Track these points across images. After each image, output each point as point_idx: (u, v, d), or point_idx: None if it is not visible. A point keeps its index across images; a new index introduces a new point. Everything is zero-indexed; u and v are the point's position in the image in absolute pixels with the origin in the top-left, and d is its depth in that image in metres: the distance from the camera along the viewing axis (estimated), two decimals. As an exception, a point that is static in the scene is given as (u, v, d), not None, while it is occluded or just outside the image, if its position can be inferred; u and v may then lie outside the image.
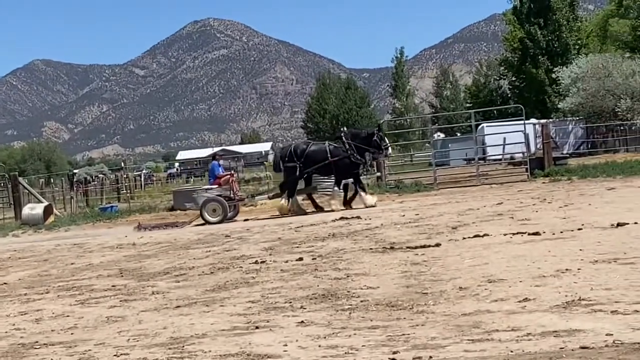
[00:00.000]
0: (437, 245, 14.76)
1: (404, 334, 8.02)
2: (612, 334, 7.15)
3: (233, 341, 8.36)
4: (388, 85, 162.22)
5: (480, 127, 52.70)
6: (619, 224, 14.95)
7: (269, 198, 30.66)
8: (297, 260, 14.57)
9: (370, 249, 15.40)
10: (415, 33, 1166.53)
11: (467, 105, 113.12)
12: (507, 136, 37.52)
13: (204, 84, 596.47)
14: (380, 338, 7.96)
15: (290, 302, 10.42)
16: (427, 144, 57.95)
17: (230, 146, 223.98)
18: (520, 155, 40.20)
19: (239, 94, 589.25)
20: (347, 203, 28.34)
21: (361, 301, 10.08)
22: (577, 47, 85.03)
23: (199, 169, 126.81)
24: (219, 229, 23.94)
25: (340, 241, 17.31)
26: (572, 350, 6.74)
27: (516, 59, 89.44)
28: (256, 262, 14.72)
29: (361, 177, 29.29)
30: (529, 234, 14.92)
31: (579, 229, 15.07)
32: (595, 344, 6.87)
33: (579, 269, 10.71)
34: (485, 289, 10.02)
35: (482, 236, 15.36)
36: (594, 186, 27.04)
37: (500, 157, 46.06)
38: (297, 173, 28.68)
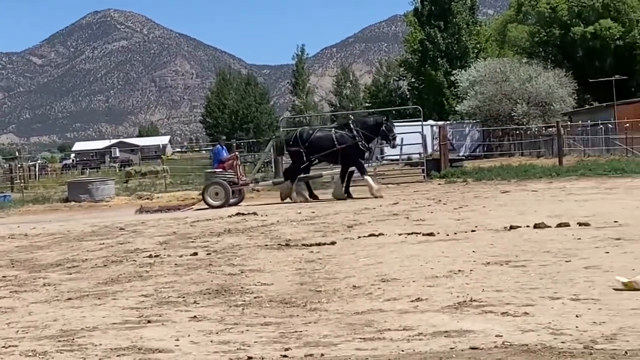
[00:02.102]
0: (333, 243, 14.79)
1: (296, 331, 8.00)
2: (501, 335, 7.23)
3: (124, 335, 8.24)
4: (288, 83, 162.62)
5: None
6: (511, 227, 15.17)
7: (274, 184, 30.15)
8: (191, 255, 14.46)
9: (266, 245, 15.37)
10: (316, 31, 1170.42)
11: (367, 104, 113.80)
12: (404, 137, 37.74)
13: (102, 75, 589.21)
14: (272, 335, 7.94)
15: (184, 297, 10.34)
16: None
17: (127, 139, 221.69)
18: (417, 156, 40.52)
19: (138, 87, 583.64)
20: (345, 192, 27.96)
21: (255, 297, 10.05)
22: (476, 50, 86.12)
23: (95, 160, 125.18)
24: (113, 223, 23.61)
25: (236, 237, 17.25)
26: (462, 350, 6.79)
27: (416, 60, 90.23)
28: (150, 256, 14.57)
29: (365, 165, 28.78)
30: (423, 235, 15.04)
31: (473, 231, 15.25)
32: (485, 344, 6.94)
33: (471, 271, 10.83)
34: (379, 288, 10.06)
35: (377, 235, 15.43)
36: (489, 189, 27.41)
37: (397, 157, 46.36)
38: (303, 159, 28.15)
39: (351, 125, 28.31)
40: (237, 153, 31.37)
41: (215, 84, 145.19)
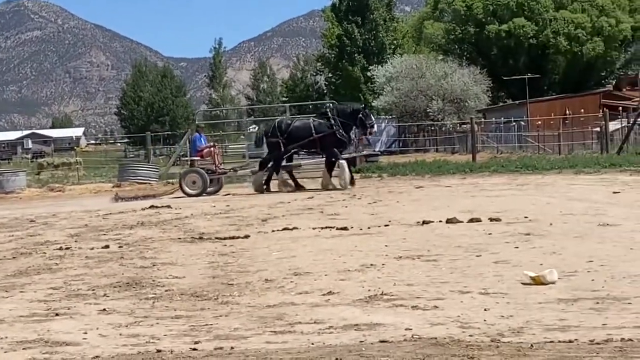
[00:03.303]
0: (246, 237, 14.77)
1: (207, 324, 7.97)
2: (411, 329, 7.28)
3: (31, 328, 8.13)
4: (205, 76, 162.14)
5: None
6: (424, 222, 15.29)
7: (252, 173, 29.42)
8: (103, 247, 14.30)
9: (179, 238, 15.28)
10: (234, 25, 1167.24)
11: (284, 99, 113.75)
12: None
13: (15, 65, 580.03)
14: (182, 328, 7.89)
15: (94, 290, 10.23)
16: (242, 136, 57.95)
17: (40, 130, 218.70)
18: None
19: (52, 77, 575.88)
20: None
21: (166, 290, 9.98)
22: (392, 47, 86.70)
23: (7, 151, 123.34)
24: (23, 215, 23.27)
25: (149, 230, 17.12)
26: (372, 343, 6.83)
27: (333, 55, 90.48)
28: (61, 249, 14.37)
29: (347, 155, 28.08)
30: (337, 229, 15.09)
31: (386, 226, 15.34)
32: (395, 338, 6.98)
33: (383, 265, 10.89)
34: (291, 282, 10.08)
35: (291, 229, 15.44)
36: (403, 184, 27.61)
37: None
38: (281, 149, 27.58)
39: (329, 114, 27.82)
40: (215, 144, 30.68)
41: (131, 76, 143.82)
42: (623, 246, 11.44)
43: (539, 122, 51.27)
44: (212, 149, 29.12)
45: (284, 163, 28.23)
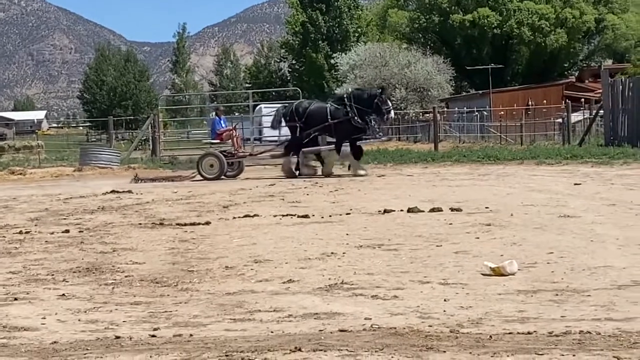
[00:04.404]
0: (207, 223, 14.71)
1: (166, 311, 7.95)
2: (370, 318, 7.29)
3: (-11, 313, 8.08)
4: (169, 61, 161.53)
5: (258, 107, 52.94)
6: (385, 211, 15.30)
7: (272, 157, 29.16)
8: (63, 232, 14.19)
9: (140, 224, 15.20)
10: (198, 10, 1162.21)
11: (247, 85, 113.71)
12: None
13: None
14: (142, 314, 7.86)
15: (53, 275, 10.16)
16: (204, 122, 57.83)
17: (2, 112, 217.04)
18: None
19: (14, 60, 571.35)
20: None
21: (126, 276, 9.94)
22: (356, 34, 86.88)
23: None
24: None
25: (110, 215, 17.02)
26: (331, 333, 6.83)
27: (297, 42, 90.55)
28: (20, 232, 14.26)
29: (364, 142, 27.73)
30: (298, 217, 15.07)
31: (347, 214, 15.34)
32: (354, 327, 6.99)
33: (344, 253, 10.89)
34: (251, 269, 10.06)
35: (253, 216, 15.41)
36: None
37: (276, 138, 46.31)
38: (298, 133, 27.14)
39: (345, 100, 27.23)
40: (235, 127, 30.16)
41: (94, 60, 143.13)
42: (583, 238, 11.51)
43: (502, 112, 51.53)
44: (232, 132, 28.79)
45: (311, 147, 27.60)
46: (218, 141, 28.53)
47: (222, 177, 27.21)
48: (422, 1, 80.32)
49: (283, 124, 28.78)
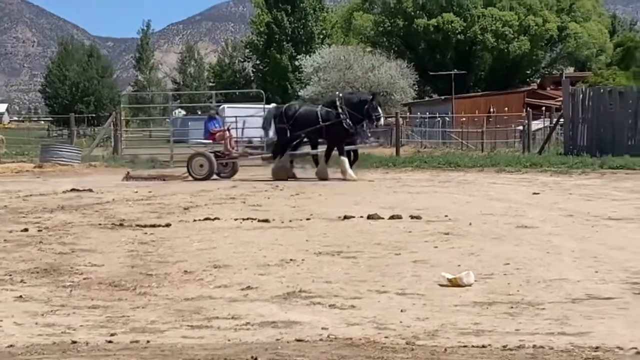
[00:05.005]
0: (167, 225, 14.65)
1: (124, 316, 7.94)
2: (327, 328, 7.32)
3: (-57, 315, 8.03)
4: (132, 57, 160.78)
5: (220, 108, 52.79)
6: (345, 217, 15.35)
7: (262, 159, 29.00)
8: (22, 231, 14.08)
9: (99, 224, 15.11)
10: (163, 7, 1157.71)
11: (210, 84, 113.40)
12: (247, 119, 37.65)
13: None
14: (99, 319, 7.85)
15: (10, 275, 10.09)
16: (167, 120, 57.63)
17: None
18: (259, 139, 40.47)
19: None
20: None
21: (84, 278, 9.91)
22: (321, 36, 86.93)
23: None
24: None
25: (69, 214, 16.90)
26: (288, 342, 6.85)
27: (262, 43, 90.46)
28: (-22, 231, 14.18)
29: (353, 147, 27.64)
30: (259, 221, 15.06)
31: (308, 219, 15.37)
32: (311, 337, 7.01)
33: (303, 260, 10.92)
34: (210, 274, 10.06)
35: (213, 219, 15.37)
36: (326, 176, 27.60)
37: (238, 140, 46.23)
38: (287, 135, 26.99)
39: (337, 103, 27.08)
40: (228, 128, 30.08)
41: (57, 54, 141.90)
42: (540, 249, 11.61)
43: (464, 119, 51.77)
44: (223, 133, 28.74)
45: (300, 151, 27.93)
46: (210, 141, 28.67)
47: (213, 177, 27.19)
48: (387, 5, 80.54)
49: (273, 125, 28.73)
